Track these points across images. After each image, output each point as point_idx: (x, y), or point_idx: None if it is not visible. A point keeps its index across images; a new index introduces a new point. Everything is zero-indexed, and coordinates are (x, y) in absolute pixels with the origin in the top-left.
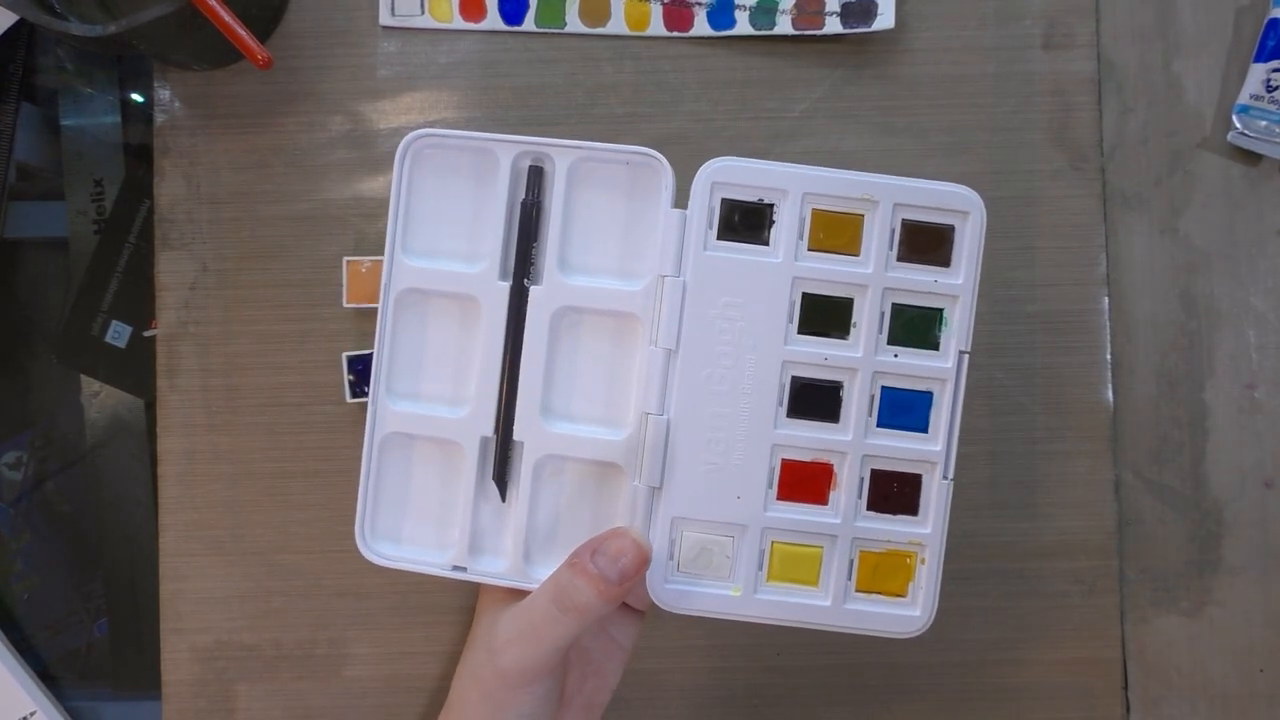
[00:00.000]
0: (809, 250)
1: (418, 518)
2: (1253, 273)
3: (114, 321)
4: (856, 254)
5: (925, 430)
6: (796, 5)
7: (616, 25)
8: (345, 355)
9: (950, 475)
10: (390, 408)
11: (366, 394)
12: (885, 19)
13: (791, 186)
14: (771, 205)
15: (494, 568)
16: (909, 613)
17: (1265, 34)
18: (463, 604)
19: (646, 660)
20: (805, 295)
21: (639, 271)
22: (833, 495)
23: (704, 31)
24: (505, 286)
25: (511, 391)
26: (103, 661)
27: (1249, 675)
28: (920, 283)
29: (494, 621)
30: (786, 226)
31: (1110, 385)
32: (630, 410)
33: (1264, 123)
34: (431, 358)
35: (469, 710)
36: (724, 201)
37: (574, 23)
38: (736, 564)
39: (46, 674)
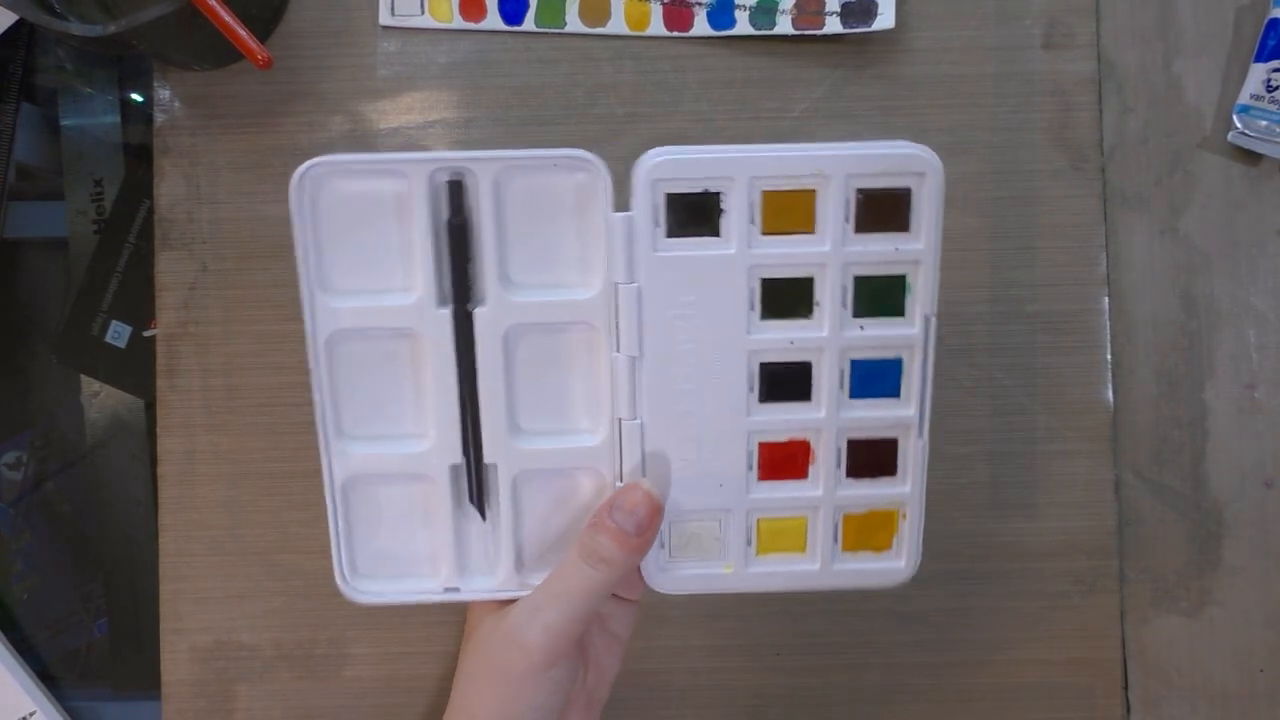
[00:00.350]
0: (763, 235)
1: (398, 550)
2: (1253, 273)
3: (114, 321)
4: (812, 231)
5: (897, 396)
6: (796, 5)
7: (616, 25)
8: None
9: (925, 434)
10: (345, 451)
11: None
12: (885, 19)
13: (737, 172)
14: (718, 194)
15: (487, 584)
16: (894, 565)
17: (1265, 34)
18: (462, 605)
19: (646, 660)
20: (764, 281)
21: (588, 279)
22: (812, 469)
23: (704, 31)
24: (446, 313)
25: (474, 417)
26: (103, 661)
27: (1249, 675)
28: (880, 253)
29: (503, 615)
30: (736, 214)
31: (1110, 385)
32: (601, 416)
33: (1264, 123)
34: (377, 397)
35: (481, 704)
36: (668, 197)
37: (574, 23)
38: (726, 544)
39: (46, 674)
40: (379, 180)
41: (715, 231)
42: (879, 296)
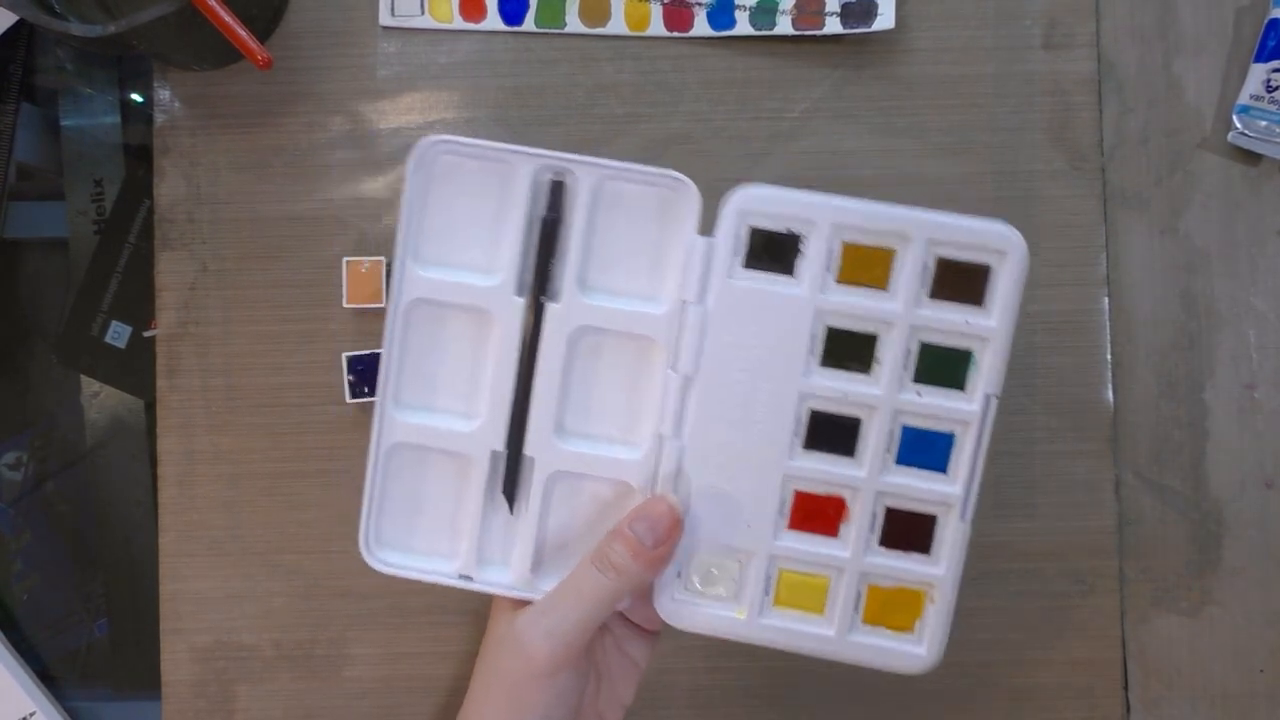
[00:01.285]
0: (836, 283)
1: (424, 527)
2: (1253, 273)
3: (114, 321)
4: (885, 289)
5: (944, 471)
6: (796, 5)
7: (616, 25)
8: (345, 355)
9: (968, 517)
10: (397, 418)
11: (366, 394)
12: (885, 19)
13: (821, 218)
14: (800, 236)
15: (501, 579)
16: (915, 650)
17: (1265, 34)
18: (462, 606)
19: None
20: (829, 328)
21: (659, 294)
22: (843, 528)
23: (704, 31)
24: (521, 302)
25: (524, 408)
26: (103, 661)
27: (1249, 675)
28: (951, 322)
29: (515, 616)
30: (814, 258)
31: (1110, 385)
32: (645, 431)
33: (1264, 123)
34: (440, 370)
35: (489, 709)
36: (751, 230)
37: (574, 23)
38: (743, 587)
39: (46, 674)
40: (489, 166)
41: (790, 271)
42: (942, 366)
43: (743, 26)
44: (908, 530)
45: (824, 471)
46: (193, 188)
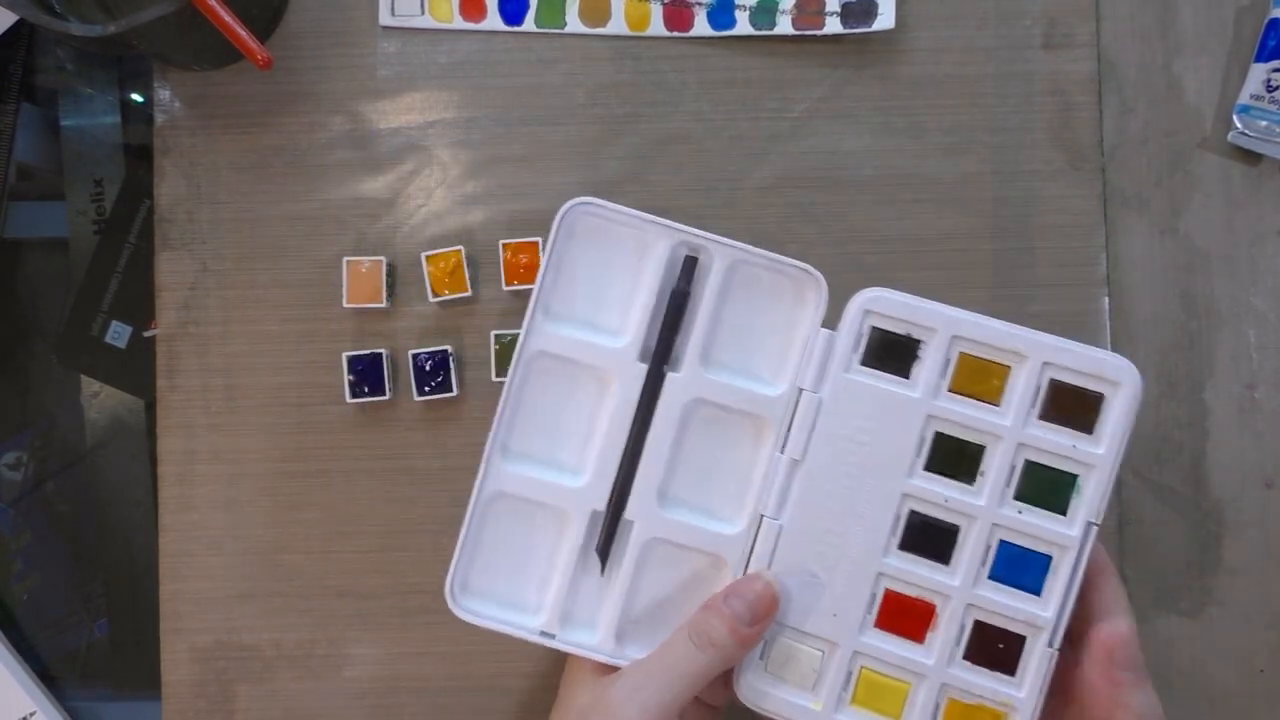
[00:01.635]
0: (949, 391)
1: (511, 578)
2: (1253, 273)
3: (114, 321)
4: (997, 404)
5: (1038, 593)
6: (796, 5)
7: (616, 25)
8: (345, 355)
9: (1057, 645)
10: (503, 467)
11: (366, 394)
12: (885, 19)
13: (942, 327)
14: (919, 341)
15: (586, 640)
16: None
17: (1265, 34)
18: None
19: None
20: (938, 434)
21: (777, 377)
22: (930, 635)
23: (704, 31)
24: (643, 368)
25: (631, 471)
26: (103, 661)
27: (1249, 675)
28: (1058, 444)
29: (605, 686)
30: (930, 364)
31: None
32: (745, 508)
33: (1264, 123)
34: (552, 424)
35: None
36: (873, 329)
37: (574, 23)
38: (823, 678)
39: (46, 674)
40: (628, 233)
41: (906, 374)
42: (1045, 487)
43: (743, 26)
44: (994, 647)
45: (917, 575)
46: (193, 187)
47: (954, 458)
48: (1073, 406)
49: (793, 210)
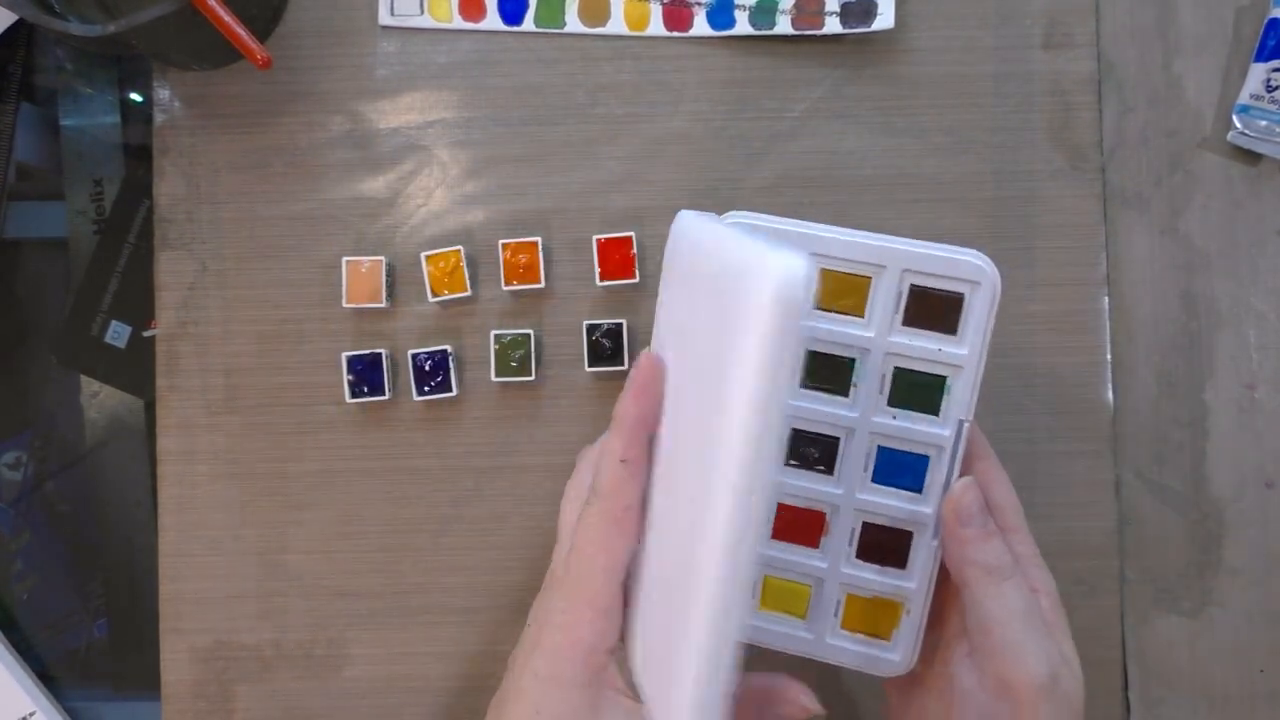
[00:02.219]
0: (815, 309)
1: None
2: (1253, 273)
3: (114, 321)
4: (861, 316)
5: (920, 491)
6: (796, 5)
7: (616, 25)
8: (345, 355)
9: (940, 537)
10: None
11: (366, 394)
12: (885, 19)
13: (799, 246)
14: None
15: None
16: (890, 656)
17: (1265, 34)
18: (463, 605)
19: None
20: (809, 353)
21: None
22: (824, 540)
23: (704, 31)
24: None
25: None
26: (102, 661)
27: (1249, 675)
28: (924, 350)
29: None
30: None
31: (1110, 385)
32: None
33: (1264, 122)
34: None
35: None
36: None
37: (574, 23)
38: None
39: (46, 674)
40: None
41: None
42: (916, 391)
43: (742, 26)
44: (883, 545)
45: (804, 488)
46: (192, 187)
47: (827, 372)
48: (935, 310)
49: (793, 210)
